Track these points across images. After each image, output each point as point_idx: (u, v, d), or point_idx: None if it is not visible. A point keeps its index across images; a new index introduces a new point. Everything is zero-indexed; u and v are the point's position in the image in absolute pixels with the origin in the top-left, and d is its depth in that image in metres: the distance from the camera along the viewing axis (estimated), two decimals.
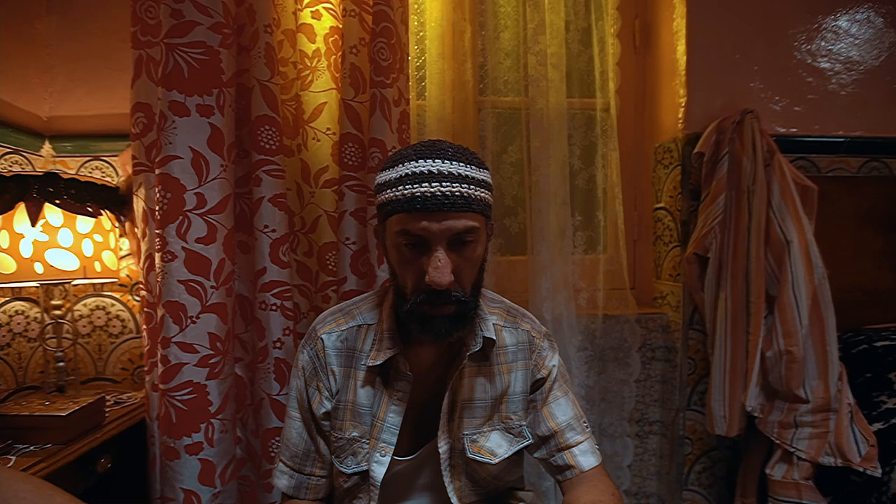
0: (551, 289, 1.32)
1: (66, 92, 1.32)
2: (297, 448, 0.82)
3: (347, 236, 1.12)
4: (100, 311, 1.32)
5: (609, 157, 1.40)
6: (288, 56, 1.20)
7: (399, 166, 0.68)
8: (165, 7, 1.01)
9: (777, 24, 1.35)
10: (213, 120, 1.02)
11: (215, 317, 1.01)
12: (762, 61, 1.35)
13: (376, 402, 0.79)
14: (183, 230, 0.99)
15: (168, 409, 0.99)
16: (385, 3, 1.13)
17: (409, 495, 0.84)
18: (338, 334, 0.81)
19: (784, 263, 1.13)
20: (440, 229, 0.65)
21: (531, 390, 0.84)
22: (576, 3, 1.42)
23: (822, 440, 1.02)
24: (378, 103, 1.12)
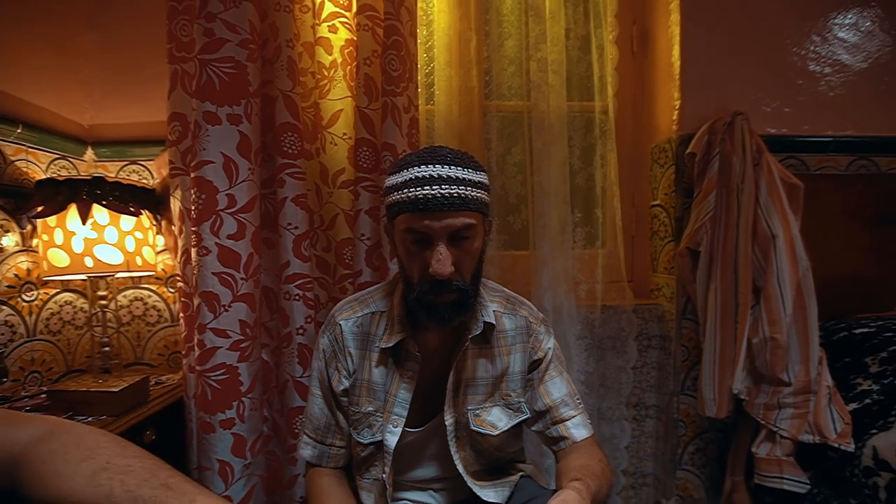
0: (552, 281, 1.41)
1: (105, 102, 1.44)
2: (319, 422, 0.93)
3: (363, 232, 1.23)
4: (138, 301, 1.44)
5: (607, 157, 1.49)
6: (307, 67, 1.30)
7: (404, 171, 0.78)
8: (198, 26, 1.11)
9: (768, 29, 1.42)
10: (241, 128, 1.13)
11: (245, 305, 1.12)
12: (754, 65, 1.42)
13: (389, 380, 0.89)
14: (216, 227, 1.10)
15: (204, 388, 1.11)
16: (395, 17, 1.22)
17: (419, 463, 0.94)
18: (354, 320, 0.91)
19: (770, 256, 1.20)
20: (441, 227, 0.74)
21: (529, 370, 0.94)
22: (575, 13, 1.50)
23: (803, 420, 1.10)
24: (389, 110, 1.22)
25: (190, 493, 0.51)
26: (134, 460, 0.53)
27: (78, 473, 0.50)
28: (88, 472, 0.51)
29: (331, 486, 0.91)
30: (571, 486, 0.66)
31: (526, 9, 1.46)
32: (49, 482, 0.50)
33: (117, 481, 0.50)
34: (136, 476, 0.51)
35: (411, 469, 0.94)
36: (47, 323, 1.27)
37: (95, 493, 0.49)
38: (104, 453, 0.54)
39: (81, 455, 0.52)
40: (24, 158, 1.21)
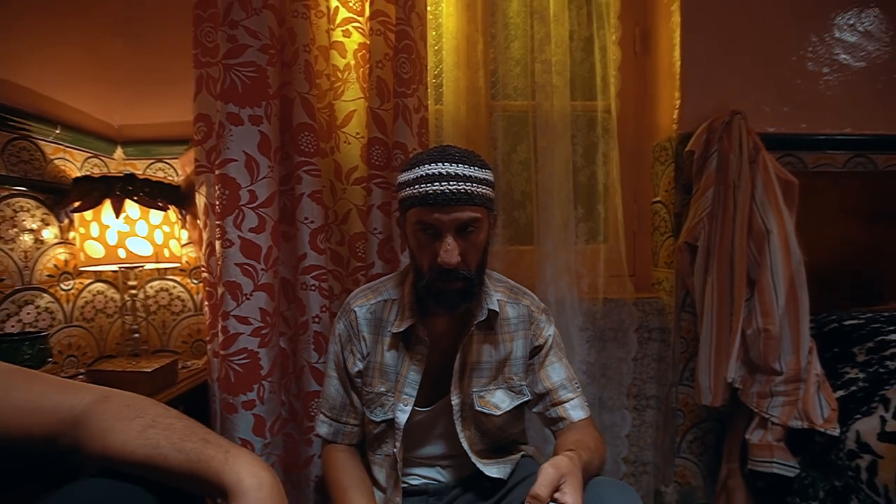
0: (555, 275, 1.47)
1: (133, 104, 1.53)
2: (334, 402, 1.00)
3: (375, 227, 1.30)
4: (164, 292, 1.53)
5: (609, 155, 1.54)
6: (322, 69, 1.37)
7: (415, 169, 0.85)
8: (222, 33, 1.19)
9: (767, 30, 1.46)
10: (262, 128, 1.21)
11: (265, 295, 1.20)
12: (753, 65, 1.47)
13: (400, 363, 0.96)
14: (238, 221, 1.18)
15: (227, 371, 1.19)
16: (406, 22, 1.29)
17: (427, 441, 1.01)
18: (368, 307, 0.99)
19: (764, 251, 1.25)
20: (449, 220, 0.81)
21: (530, 356, 1.00)
22: (579, 15, 1.55)
23: (792, 406, 1.15)
24: (400, 111, 1.29)
25: (225, 446, 0.59)
26: (175, 420, 0.62)
27: (130, 429, 0.59)
28: (138, 428, 0.59)
29: (345, 460, 0.98)
30: (564, 454, 0.73)
31: (531, 11, 1.52)
32: (106, 437, 0.58)
33: (163, 436, 0.59)
34: (179, 432, 0.60)
35: (420, 446, 1.00)
36: (82, 311, 1.36)
37: (145, 445, 0.58)
38: (150, 413, 0.62)
39: (132, 414, 0.61)
40: (61, 157, 1.30)
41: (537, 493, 0.65)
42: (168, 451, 0.58)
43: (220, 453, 0.59)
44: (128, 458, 0.58)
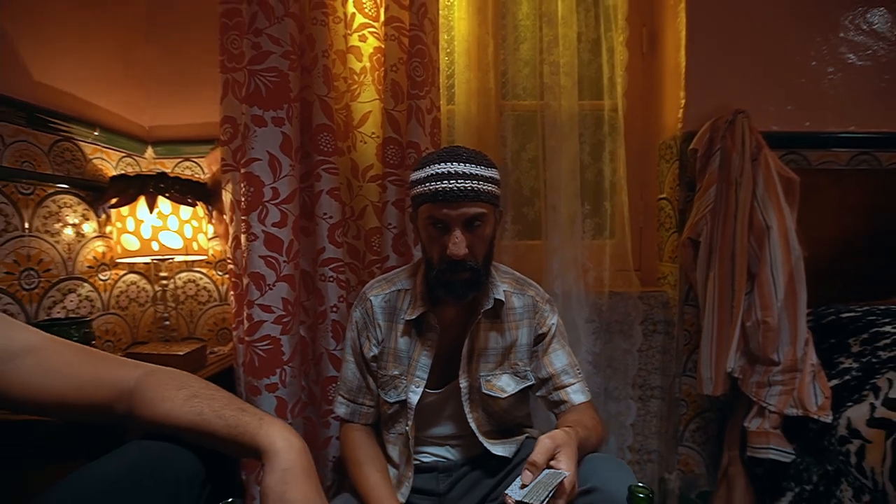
0: (561, 269, 1.53)
1: (162, 106, 1.62)
2: (351, 384, 1.08)
3: (389, 222, 1.37)
4: (191, 283, 1.63)
5: (616, 153, 1.59)
6: (340, 73, 1.45)
7: (426, 168, 0.92)
8: (247, 40, 1.27)
9: (771, 30, 1.49)
10: (283, 129, 1.28)
11: (286, 285, 1.28)
12: (757, 64, 1.50)
13: (412, 348, 1.03)
14: (262, 217, 1.26)
15: (252, 356, 1.28)
16: (419, 28, 1.36)
17: (437, 422, 1.08)
18: (382, 296, 1.06)
19: (764, 246, 1.29)
20: (457, 215, 0.88)
21: (534, 343, 1.07)
22: (587, 17, 1.60)
23: (788, 395, 1.19)
24: (413, 112, 1.35)
25: (259, 414, 0.68)
26: (215, 391, 0.70)
27: (176, 398, 0.67)
28: (184, 397, 0.67)
29: (362, 438, 1.06)
30: (562, 429, 0.79)
31: (540, 14, 1.57)
32: (156, 404, 0.67)
33: (205, 405, 0.67)
34: (219, 401, 0.68)
35: (431, 426, 1.08)
36: (118, 299, 1.46)
37: (190, 412, 0.66)
38: (194, 385, 0.70)
39: (177, 385, 0.69)
40: (99, 157, 1.40)
41: (534, 460, 0.71)
42: (210, 418, 0.66)
43: (254, 420, 0.67)
44: (175, 423, 0.66)
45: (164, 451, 0.66)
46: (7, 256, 1.12)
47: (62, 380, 0.67)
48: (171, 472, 0.65)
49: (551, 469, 0.71)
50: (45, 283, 1.21)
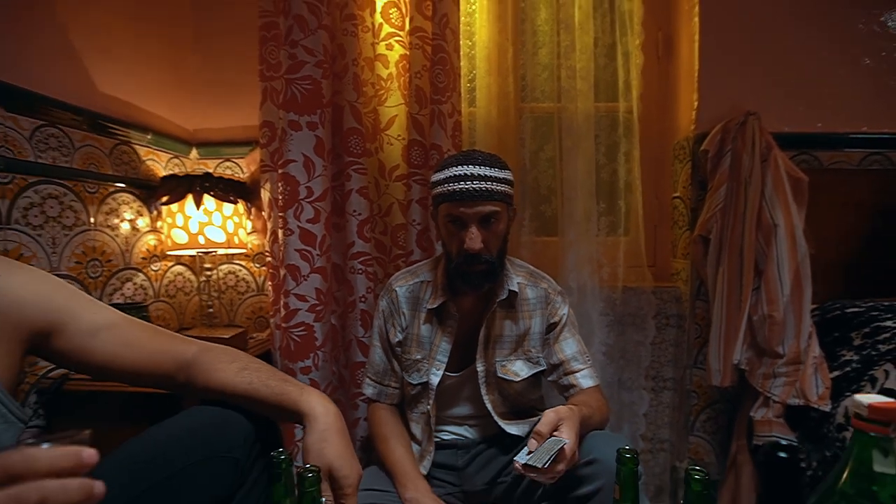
0: (576, 264, 1.60)
1: (206, 111, 1.75)
2: (378, 367, 1.18)
3: (414, 219, 1.47)
4: (231, 274, 1.76)
5: (631, 153, 1.64)
6: (368, 79, 1.55)
7: (445, 170, 1.01)
8: (284, 51, 1.39)
9: (784, 32, 1.52)
10: (317, 133, 1.40)
11: (319, 276, 1.40)
12: (769, 67, 1.54)
13: (433, 334, 1.13)
14: (298, 213, 1.38)
15: (288, 341, 1.40)
16: (441, 37, 1.45)
17: (456, 403, 1.18)
18: (407, 287, 1.16)
19: (771, 243, 1.34)
20: (473, 212, 0.98)
21: (546, 331, 1.15)
22: (603, 23, 1.65)
23: (791, 386, 1.24)
24: (436, 116, 1.45)
25: (300, 384, 0.79)
26: (262, 364, 0.82)
27: (229, 370, 0.78)
28: (235, 369, 0.79)
29: (387, 417, 1.17)
30: (566, 406, 0.88)
31: (558, 21, 1.63)
32: (210, 375, 0.78)
33: (254, 376, 0.78)
34: (265, 373, 0.79)
35: (450, 407, 1.17)
36: (166, 288, 1.61)
37: (241, 381, 0.77)
38: (243, 359, 0.82)
39: (230, 359, 0.81)
40: (151, 158, 1.54)
41: (539, 430, 0.80)
42: (258, 386, 0.77)
43: (296, 389, 0.78)
44: (228, 390, 0.77)
45: (221, 414, 0.78)
46: (77, 248, 1.26)
47: (135, 352, 0.79)
48: (227, 430, 0.76)
49: (554, 437, 0.80)
50: (106, 272, 1.36)
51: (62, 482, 0.36)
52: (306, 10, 1.35)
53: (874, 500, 0.45)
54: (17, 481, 0.34)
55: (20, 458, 0.35)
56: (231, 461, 0.75)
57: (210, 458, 0.74)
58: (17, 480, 0.34)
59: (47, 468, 0.35)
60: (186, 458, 0.72)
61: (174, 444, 0.73)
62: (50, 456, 0.36)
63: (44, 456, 0.36)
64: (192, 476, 0.72)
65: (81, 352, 0.75)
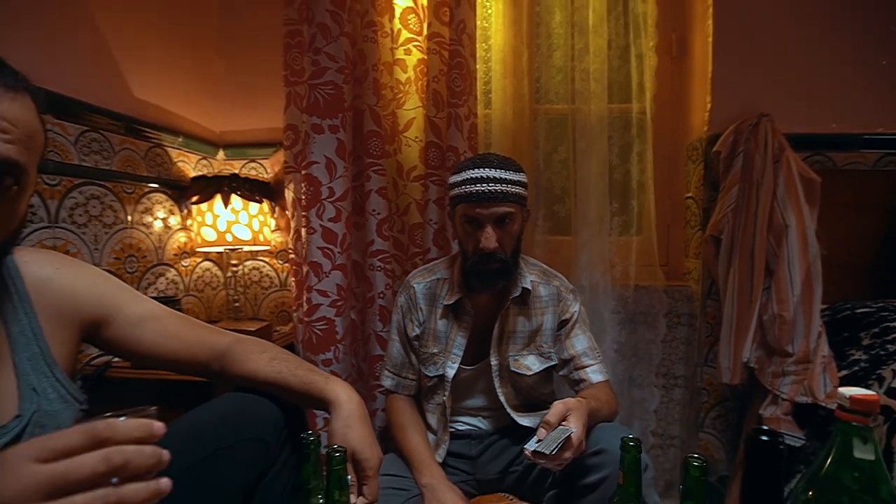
0: (589, 263, 1.64)
1: (231, 114, 1.83)
2: (396, 360, 1.24)
3: (431, 218, 1.52)
4: (255, 270, 1.84)
5: (644, 154, 1.66)
6: (386, 82, 1.60)
7: (462, 173, 1.06)
8: (307, 58, 1.45)
9: (797, 34, 1.53)
10: (338, 135, 1.46)
11: (340, 273, 1.46)
12: (783, 68, 1.55)
13: (449, 329, 1.18)
14: (320, 213, 1.45)
15: (310, 335, 1.47)
16: (458, 43, 1.49)
17: (471, 395, 1.23)
18: (424, 284, 1.22)
19: (782, 244, 1.36)
20: (488, 213, 1.02)
21: (558, 328, 1.20)
22: (617, 25, 1.68)
23: (800, 384, 1.27)
24: (453, 119, 1.50)
25: (325, 374, 0.85)
26: (290, 355, 0.88)
27: (260, 360, 0.84)
28: (266, 359, 0.85)
29: (405, 407, 1.22)
30: (574, 398, 0.92)
31: (572, 24, 1.66)
32: (242, 364, 0.84)
33: (283, 365, 0.84)
34: (294, 363, 0.85)
35: (465, 399, 1.23)
36: (195, 283, 1.69)
37: (271, 370, 0.83)
38: (273, 349, 0.88)
39: (260, 349, 0.87)
40: (182, 160, 1.62)
41: (548, 420, 0.85)
42: (287, 375, 0.83)
43: (322, 378, 0.84)
44: (259, 379, 0.84)
45: (253, 400, 0.84)
46: (116, 245, 1.35)
47: (175, 342, 0.86)
48: (258, 415, 0.82)
49: (563, 426, 0.85)
50: (142, 267, 1.44)
51: (138, 448, 0.42)
52: (329, 18, 1.41)
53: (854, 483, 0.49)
54: (103, 445, 0.41)
55: (105, 427, 0.41)
56: (262, 444, 0.80)
57: (242, 441, 0.79)
58: (103, 444, 0.41)
59: (126, 436, 0.42)
60: (221, 440, 0.78)
61: (209, 428, 0.80)
62: (128, 426, 0.42)
63: (123, 425, 0.42)
64: (226, 457, 0.78)
65: (128, 341, 0.82)
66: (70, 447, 0.41)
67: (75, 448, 0.41)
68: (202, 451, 0.76)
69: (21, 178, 0.58)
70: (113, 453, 0.41)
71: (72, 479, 0.39)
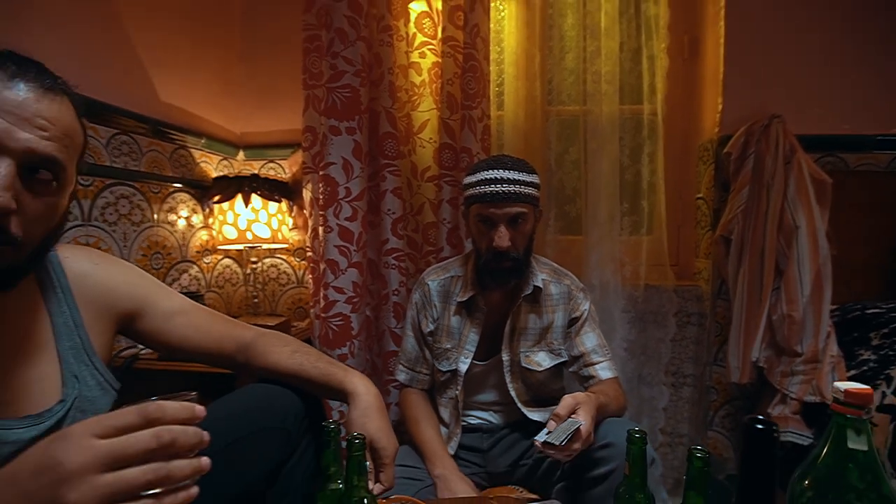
0: (599, 262, 1.66)
1: (251, 116, 1.89)
2: (411, 355, 1.28)
3: (444, 217, 1.56)
4: (273, 267, 1.90)
5: (655, 155, 1.68)
6: (402, 85, 1.64)
7: (477, 174, 1.10)
8: (326, 62, 1.50)
9: (808, 35, 1.54)
10: (355, 137, 1.50)
11: (356, 271, 1.51)
12: (795, 69, 1.55)
13: (462, 325, 1.22)
14: (337, 212, 1.49)
15: (327, 330, 1.51)
16: (472, 46, 1.53)
17: (482, 390, 1.26)
18: (438, 281, 1.25)
19: (792, 245, 1.38)
20: (502, 213, 1.06)
21: (568, 325, 1.22)
22: (629, 28, 1.69)
23: (808, 384, 1.28)
24: (466, 121, 1.53)
25: (344, 366, 0.89)
26: (310, 348, 0.92)
27: (282, 353, 0.89)
28: (287, 352, 0.89)
29: (418, 401, 1.26)
30: (584, 392, 0.96)
31: (584, 26, 1.68)
32: (265, 356, 0.88)
33: (304, 358, 0.88)
34: (314, 356, 0.89)
35: (477, 393, 1.26)
36: (216, 279, 1.75)
37: (292, 363, 0.87)
38: (294, 343, 0.92)
39: (282, 343, 0.91)
40: (204, 161, 1.68)
41: (557, 412, 0.88)
42: (308, 368, 0.87)
43: (341, 370, 0.88)
44: (281, 371, 0.88)
45: (275, 391, 0.88)
46: (143, 242, 1.41)
47: (203, 335, 0.90)
48: (280, 405, 0.86)
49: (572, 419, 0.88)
50: (167, 264, 1.51)
51: (184, 428, 0.46)
52: (346, 23, 1.45)
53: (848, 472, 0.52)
54: (153, 424, 0.45)
55: (156, 408, 0.46)
56: (284, 432, 0.85)
57: (265, 429, 0.83)
58: (154, 424, 0.45)
59: (174, 417, 0.46)
60: (245, 428, 0.83)
61: (235, 416, 0.84)
62: (175, 408, 0.47)
63: (171, 407, 0.47)
64: (250, 444, 0.82)
65: (159, 334, 0.87)
66: (126, 425, 0.45)
67: (130, 426, 0.45)
68: (229, 437, 0.80)
69: (60, 175, 0.61)
70: (163, 432, 0.45)
71: (128, 453, 0.44)
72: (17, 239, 0.57)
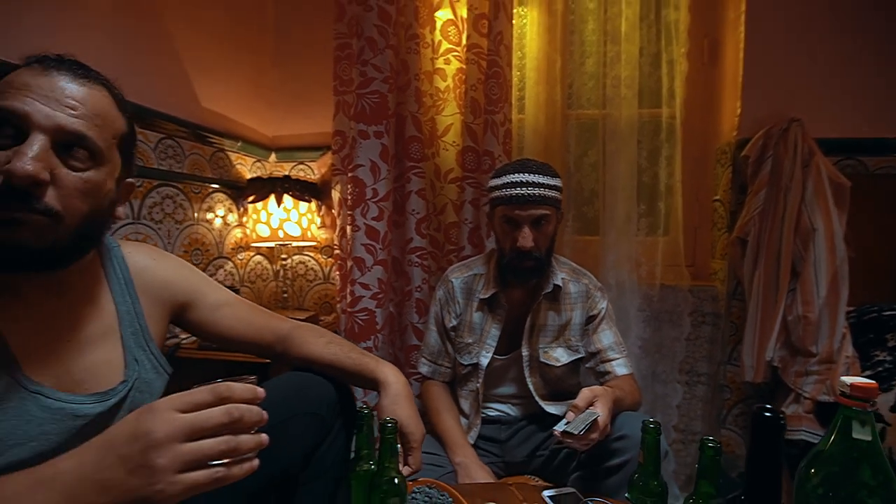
0: (616, 262, 1.70)
1: (283, 120, 1.97)
2: (433, 348, 1.35)
3: (466, 218, 1.62)
4: (301, 264, 1.99)
5: (673, 157, 1.71)
6: (427, 90, 1.71)
7: (503, 177, 1.16)
8: (355, 69, 1.57)
9: (828, 38, 1.55)
10: (382, 140, 1.57)
11: (381, 268, 1.58)
12: (814, 72, 1.57)
13: (484, 321, 1.28)
14: (364, 212, 1.57)
15: (353, 324, 1.59)
16: (496, 53, 1.58)
17: (502, 383, 1.32)
18: (462, 279, 1.32)
19: (809, 247, 1.40)
20: (526, 215, 1.12)
21: (586, 323, 1.28)
22: (649, 33, 1.72)
23: (822, 383, 1.31)
24: (489, 125, 1.59)
25: (375, 358, 0.95)
26: (343, 340, 0.99)
27: (318, 343, 0.95)
28: (323, 343, 0.95)
29: (440, 392, 1.33)
30: (601, 386, 1.01)
31: (604, 32, 1.72)
32: (302, 347, 0.95)
33: (338, 348, 0.95)
34: (347, 347, 0.96)
35: (496, 387, 1.32)
36: (248, 275, 1.84)
37: (327, 353, 0.94)
38: (328, 335, 0.99)
39: (318, 334, 0.98)
40: (240, 163, 1.77)
41: (576, 404, 0.94)
42: (342, 358, 0.94)
43: (372, 361, 0.95)
44: (317, 360, 0.94)
45: (310, 379, 0.94)
46: (185, 239, 1.51)
47: (245, 326, 0.97)
48: (315, 392, 0.93)
49: (590, 410, 0.94)
50: (205, 260, 1.60)
51: (249, 406, 0.54)
52: (376, 32, 1.52)
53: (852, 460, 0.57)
54: (224, 402, 0.52)
55: (226, 388, 0.53)
56: (318, 417, 0.91)
57: (301, 414, 0.90)
58: (225, 402, 0.52)
59: (241, 396, 0.53)
60: (282, 413, 0.89)
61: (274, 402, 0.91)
62: (242, 388, 0.54)
63: (239, 388, 0.54)
64: (287, 428, 0.89)
65: (207, 323, 0.94)
66: (202, 402, 0.52)
67: (205, 403, 0.52)
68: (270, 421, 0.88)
69: (96, 154, 0.62)
70: (232, 409, 0.52)
71: (205, 426, 0.51)
72: (52, 210, 0.58)
